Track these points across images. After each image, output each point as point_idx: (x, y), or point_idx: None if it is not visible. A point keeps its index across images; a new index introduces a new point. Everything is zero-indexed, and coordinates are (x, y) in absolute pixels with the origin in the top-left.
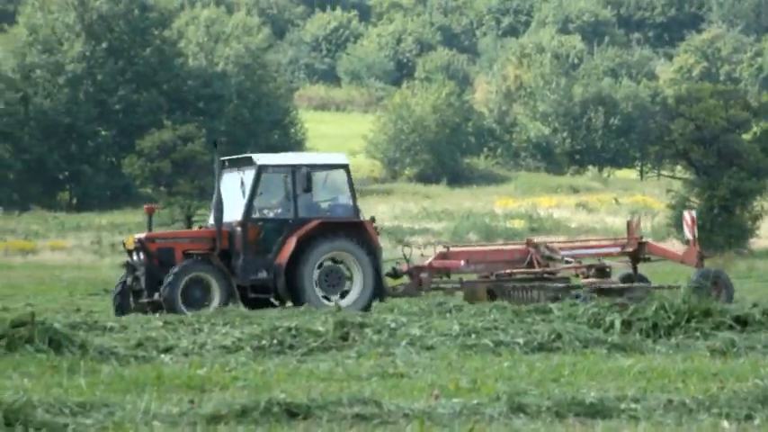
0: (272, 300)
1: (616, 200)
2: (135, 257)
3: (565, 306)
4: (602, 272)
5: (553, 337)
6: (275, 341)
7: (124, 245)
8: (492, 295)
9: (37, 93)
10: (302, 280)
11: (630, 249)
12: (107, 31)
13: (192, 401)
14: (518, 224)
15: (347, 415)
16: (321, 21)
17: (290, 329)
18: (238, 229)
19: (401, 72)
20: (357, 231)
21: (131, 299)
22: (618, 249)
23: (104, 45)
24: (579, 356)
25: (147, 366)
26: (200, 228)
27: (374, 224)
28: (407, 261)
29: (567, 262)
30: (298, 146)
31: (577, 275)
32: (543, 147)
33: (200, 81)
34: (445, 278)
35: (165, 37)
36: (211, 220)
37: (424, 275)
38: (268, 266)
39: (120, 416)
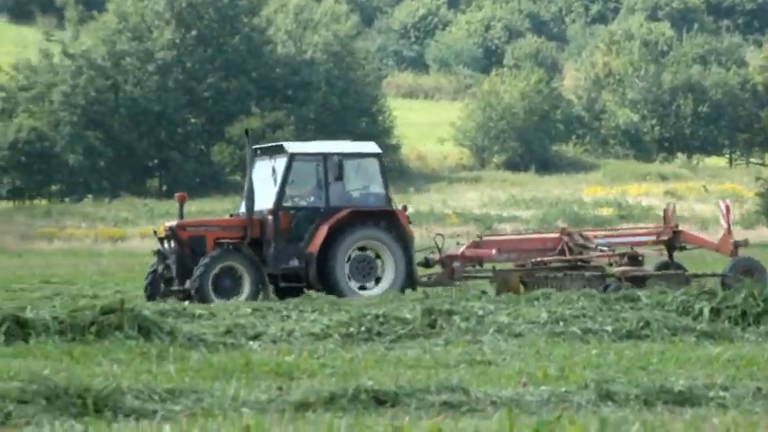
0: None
1: (705, 187)
2: (166, 245)
3: (653, 293)
4: (635, 260)
5: (641, 324)
6: (363, 328)
7: (155, 233)
8: (524, 284)
9: (127, 80)
10: (333, 268)
11: (665, 238)
12: (196, 19)
13: (280, 388)
14: (606, 212)
15: (435, 402)
16: (410, 8)
17: (377, 317)
18: (270, 217)
19: (490, 59)
20: (389, 220)
21: (162, 287)
22: (653, 238)
23: (194, 33)
24: (668, 344)
25: (236, 353)
26: (232, 216)
27: (407, 213)
28: (439, 250)
29: (602, 251)
30: (386, 133)
31: (611, 264)
32: (632, 134)
33: (288, 69)
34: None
35: (254, 24)
36: (243, 209)
37: (456, 264)
38: (299, 255)
39: (208, 402)
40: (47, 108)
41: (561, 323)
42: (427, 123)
